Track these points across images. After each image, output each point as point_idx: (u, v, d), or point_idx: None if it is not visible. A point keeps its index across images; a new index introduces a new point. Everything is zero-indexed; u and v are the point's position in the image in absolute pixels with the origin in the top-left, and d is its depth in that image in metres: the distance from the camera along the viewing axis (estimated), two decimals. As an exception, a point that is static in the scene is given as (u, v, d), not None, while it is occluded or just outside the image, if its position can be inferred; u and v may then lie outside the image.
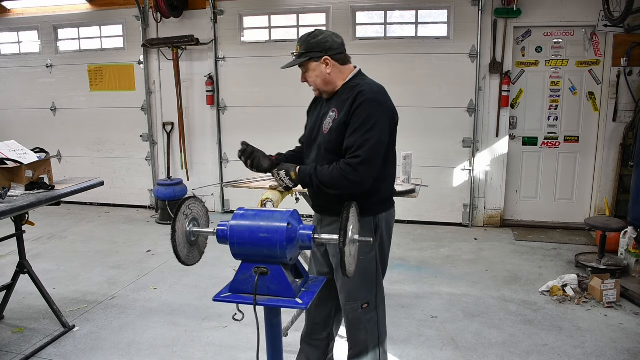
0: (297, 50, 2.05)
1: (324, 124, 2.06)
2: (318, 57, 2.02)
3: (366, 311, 2.18)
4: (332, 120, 2.02)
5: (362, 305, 2.16)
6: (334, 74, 2.05)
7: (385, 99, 2.01)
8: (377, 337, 2.25)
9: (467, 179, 5.45)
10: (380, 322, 2.24)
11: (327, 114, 2.06)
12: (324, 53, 2.02)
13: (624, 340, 3.00)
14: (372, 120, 1.92)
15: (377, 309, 2.22)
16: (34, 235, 5.11)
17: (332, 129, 2.01)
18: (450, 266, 4.31)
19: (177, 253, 1.57)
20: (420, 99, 5.38)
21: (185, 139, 6.07)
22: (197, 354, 2.90)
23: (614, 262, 4.06)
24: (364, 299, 2.17)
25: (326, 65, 2.03)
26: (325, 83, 2.06)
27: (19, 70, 6.56)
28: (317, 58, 2.02)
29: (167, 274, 4.14)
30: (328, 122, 2.04)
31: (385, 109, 1.98)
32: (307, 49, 2.02)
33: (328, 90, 2.09)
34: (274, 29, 5.74)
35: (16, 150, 3.14)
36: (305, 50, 2.02)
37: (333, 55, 2.03)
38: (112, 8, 6.01)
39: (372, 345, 2.26)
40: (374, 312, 2.21)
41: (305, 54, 2.03)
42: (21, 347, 2.93)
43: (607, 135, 5.09)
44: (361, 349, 2.25)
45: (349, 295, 2.17)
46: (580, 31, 5.08)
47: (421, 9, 5.33)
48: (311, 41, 2.02)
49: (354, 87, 2.02)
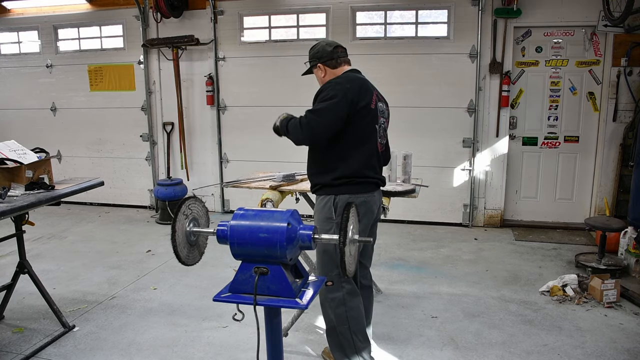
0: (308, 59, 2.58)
1: None
2: (314, 65, 2.53)
3: (330, 289, 2.42)
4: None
5: (325, 282, 2.36)
6: (328, 76, 2.49)
7: (343, 82, 2.34)
8: (346, 320, 2.42)
9: (467, 179, 5.45)
10: (348, 305, 2.41)
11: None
12: (318, 61, 2.52)
13: (624, 340, 3.00)
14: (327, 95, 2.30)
15: (342, 290, 2.41)
16: (34, 235, 5.11)
17: None
18: (450, 266, 4.31)
19: (177, 253, 1.58)
20: (420, 99, 5.38)
21: (185, 139, 6.07)
22: (197, 354, 2.90)
23: (614, 262, 4.06)
24: (327, 276, 2.40)
25: (322, 71, 2.51)
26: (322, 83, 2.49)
27: (19, 70, 6.56)
28: (314, 65, 2.54)
29: (167, 274, 4.14)
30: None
31: (342, 88, 2.30)
32: (309, 59, 2.56)
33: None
34: (274, 29, 5.75)
35: (16, 150, 3.14)
36: (309, 60, 2.57)
37: (324, 62, 2.49)
38: (112, 8, 6.01)
39: (342, 328, 2.43)
40: (340, 293, 2.42)
41: (310, 61, 2.57)
42: (21, 347, 2.93)
43: (607, 135, 5.09)
44: (330, 327, 2.49)
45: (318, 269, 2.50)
46: (580, 31, 5.08)
47: (421, 9, 5.33)
48: (310, 53, 2.56)
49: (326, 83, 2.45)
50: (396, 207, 4.32)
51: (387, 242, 4.95)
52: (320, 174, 2.42)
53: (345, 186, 2.37)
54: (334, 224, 2.37)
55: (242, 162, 5.94)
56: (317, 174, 2.44)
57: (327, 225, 2.38)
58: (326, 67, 2.49)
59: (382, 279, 3.95)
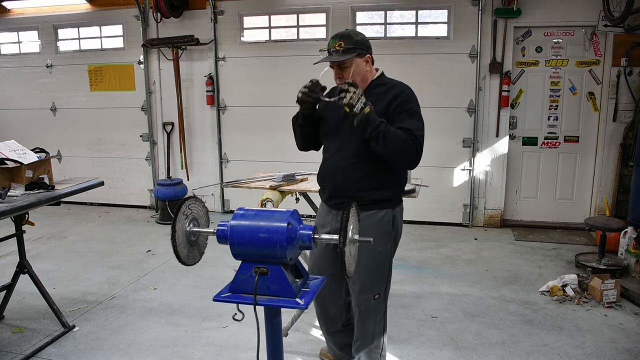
0: (342, 46, 2.08)
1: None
2: (363, 54, 2.12)
3: (377, 302, 2.27)
4: None
5: (374, 296, 2.25)
6: (369, 73, 2.18)
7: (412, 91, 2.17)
8: (383, 328, 2.36)
9: (467, 179, 5.45)
10: (386, 313, 2.35)
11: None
12: (367, 51, 2.14)
13: (624, 340, 3.00)
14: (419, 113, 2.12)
15: (385, 301, 2.32)
16: (34, 235, 5.11)
17: None
18: (450, 266, 4.31)
19: (177, 253, 1.57)
20: (420, 99, 5.28)
21: (185, 139, 6.07)
22: (197, 354, 2.90)
23: (614, 262, 4.06)
24: (377, 290, 2.25)
25: (366, 63, 2.15)
26: (363, 80, 2.15)
27: (19, 70, 6.56)
28: (362, 55, 2.12)
29: (167, 274, 4.14)
30: None
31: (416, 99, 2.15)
32: (355, 44, 2.09)
33: (362, 87, 2.11)
34: (274, 29, 5.74)
35: (16, 150, 3.14)
36: (353, 46, 2.09)
37: (371, 55, 2.17)
38: (112, 8, 6.01)
39: (378, 335, 2.35)
40: (383, 304, 2.31)
41: (352, 49, 2.09)
42: (21, 347, 2.93)
43: (607, 135, 5.09)
44: (368, 339, 2.33)
45: (363, 287, 2.24)
46: (580, 31, 5.08)
47: (421, 9, 5.33)
48: (356, 38, 2.11)
49: (387, 83, 2.20)
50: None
51: (387, 242, 4.95)
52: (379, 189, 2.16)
53: (399, 198, 2.27)
54: (391, 238, 2.23)
55: (242, 162, 5.94)
56: (375, 189, 2.16)
57: (386, 239, 2.20)
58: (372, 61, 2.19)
59: (382, 279, 3.95)
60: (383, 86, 2.17)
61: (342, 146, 2.19)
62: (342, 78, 2.12)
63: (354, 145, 2.13)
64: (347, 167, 2.16)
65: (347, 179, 2.16)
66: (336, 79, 2.18)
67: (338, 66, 2.12)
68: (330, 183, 2.24)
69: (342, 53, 2.08)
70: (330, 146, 2.27)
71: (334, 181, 2.22)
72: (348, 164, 2.15)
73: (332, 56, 2.10)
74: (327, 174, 2.25)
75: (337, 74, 2.15)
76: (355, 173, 2.15)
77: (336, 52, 2.09)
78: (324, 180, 2.30)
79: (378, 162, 2.10)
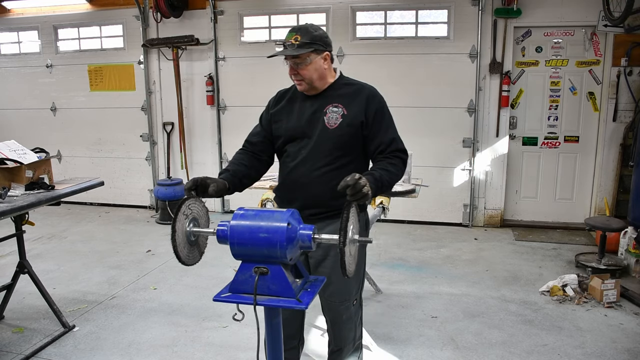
0: (298, 40, 1.94)
1: (329, 120, 2.00)
2: (321, 51, 1.98)
3: (356, 307, 2.23)
4: (341, 115, 2.00)
5: (353, 302, 2.19)
6: (328, 71, 2.04)
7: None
8: (361, 330, 2.33)
9: (467, 179, 5.45)
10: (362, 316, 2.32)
11: (328, 110, 2.02)
12: (326, 48, 2.00)
13: (624, 340, 3.00)
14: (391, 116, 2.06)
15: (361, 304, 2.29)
16: (34, 235, 5.11)
17: (342, 124, 1.99)
18: (450, 266, 4.31)
19: (177, 253, 1.57)
20: (420, 99, 5.38)
21: (185, 139, 6.07)
22: (197, 354, 2.90)
23: (614, 262, 4.06)
24: (355, 295, 2.19)
25: (324, 61, 2.00)
26: (320, 78, 2.02)
27: (19, 70, 6.56)
28: (320, 51, 1.98)
29: (167, 274, 4.13)
30: (334, 118, 2.00)
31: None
32: (312, 40, 1.95)
33: (319, 87, 2.04)
34: (274, 29, 5.74)
35: (16, 150, 3.14)
36: (310, 41, 1.94)
37: (330, 52, 2.03)
38: (112, 8, 6.01)
39: (359, 338, 2.32)
40: (360, 307, 2.28)
41: (309, 44, 1.94)
42: (21, 347, 2.93)
43: (607, 135, 5.09)
44: (348, 346, 2.27)
45: (343, 296, 2.14)
46: (580, 31, 5.08)
47: (421, 9, 5.33)
48: (314, 33, 1.96)
49: (353, 83, 2.09)
50: (396, 207, 4.32)
51: (387, 242, 4.95)
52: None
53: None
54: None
55: (242, 162, 5.93)
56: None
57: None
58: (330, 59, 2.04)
59: (382, 279, 3.95)
60: (350, 86, 2.08)
61: (312, 153, 2.01)
62: (297, 75, 1.99)
63: (326, 151, 2.00)
64: (322, 175, 2.00)
65: (323, 188, 1.99)
66: (291, 76, 2.03)
67: (293, 61, 1.97)
68: (304, 194, 2.03)
69: (298, 47, 1.93)
70: (296, 154, 2.05)
71: (307, 192, 2.02)
72: (322, 172, 2.00)
73: (286, 49, 1.95)
74: (298, 185, 2.04)
75: (292, 71, 2.00)
76: (331, 181, 1.89)
77: (292, 46, 1.94)
78: (293, 191, 2.07)
79: (350, 168, 1.94)
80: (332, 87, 2.07)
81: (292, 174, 2.07)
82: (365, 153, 2.07)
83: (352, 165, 2.00)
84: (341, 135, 1.99)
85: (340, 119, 2.00)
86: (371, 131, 2.00)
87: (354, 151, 2.04)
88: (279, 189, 2.18)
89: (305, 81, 2.01)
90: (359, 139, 2.02)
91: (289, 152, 2.10)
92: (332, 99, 2.04)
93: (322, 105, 2.04)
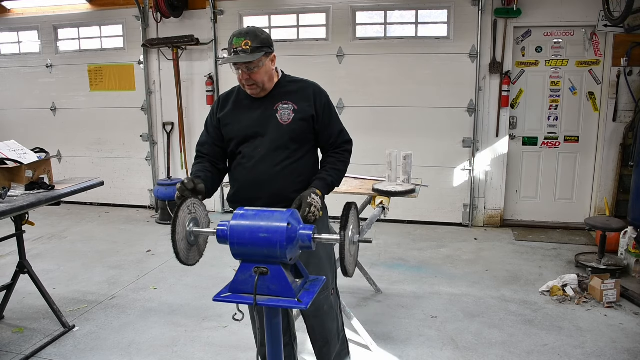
0: (249, 45, 1.91)
1: (282, 116, 2.06)
2: (270, 53, 2.00)
3: (335, 297, 2.29)
4: (292, 111, 2.06)
5: (331, 292, 2.24)
6: (274, 71, 2.09)
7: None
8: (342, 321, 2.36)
9: (467, 179, 5.45)
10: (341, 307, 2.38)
11: (279, 107, 2.07)
12: (272, 49, 2.02)
13: (624, 340, 3.00)
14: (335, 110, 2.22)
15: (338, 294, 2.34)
16: (34, 235, 5.11)
17: (295, 119, 2.06)
18: (450, 266, 4.31)
19: (177, 253, 1.57)
20: (420, 99, 5.38)
21: (185, 138, 6.07)
22: (197, 354, 2.90)
23: (614, 262, 4.06)
24: (332, 284, 2.26)
25: (272, 62, 2.04)
26: (270, 80, 2.06)
27: (19, 70, 6.56)
28: (269, 54, 2.00)
29: (167, 274, 4.14)
30: (287, 114, 2.06)
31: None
32: (261, 43, 1.94)
33: (269, 88, 2.07)
34: (274, 29, 5.74)
35: (16, 150, 3.14)
36: (260, 45, 1.94)
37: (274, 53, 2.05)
38: (112, 8, 6.01)
39: (342, 330, 2.35)
40: (338, 297, 2.34)
41: (260, 48, 1.94)
42: (21, 347, 2.93)
43: (607, 135, 5.09)
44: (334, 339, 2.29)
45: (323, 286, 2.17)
46: (580, 31, 5.08)
47: (421, 9, 5.33)
48: (262, 36, 1.96)
49: (297, 80, 2.16)
50: (396, 207, 4.32)
51: (387, 242, 4.95)
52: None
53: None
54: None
55: (242, 162, 5.93)
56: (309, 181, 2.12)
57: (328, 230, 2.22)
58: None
59: (382, 279, 3.95)
60: (295, 83, 2.14)
61: (270, 150, 2.05)
62: (250, 79, 1.98)
63: (283, 146, 2.04)
64: (282, 170, 2.04)
65: (285, 181, 2.04)
66: (241, 82, 2.03)
67: (246, 66, 1.95)
68: (267, 191, 2.05)
69: (251, 52, 1.92)
70: (252, 153, 2.07)
71: (271, 188, 2.05)
72: (282, 167, 2.04)
73: (239, 56, 1.92)
74: (260, 183, 2.05)
75: (244, 76, 1.98)
76: (291, 174, 2.05)
77: (243, 51, 1.91)
78: (255, 190, 2.07)
79: (307, 159, 2.12)
80: (277, 85, 2.11)
81: (252, 173, 2.07)
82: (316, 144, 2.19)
83: (308, 156, 2.13)
84: (295, 129, 2.06)
85: (293, 114, 2.06)
86: (322, 124, 2.13)
87: (307, 143, 2.13)
88: (238, 192, 2.14)
89: (258, 85, 2.03)
90: (311, 132, 2.12)
91: (244, 154, 2.10)
92: (280, 97, 2.09)
93: (271, 104, 2.08)
